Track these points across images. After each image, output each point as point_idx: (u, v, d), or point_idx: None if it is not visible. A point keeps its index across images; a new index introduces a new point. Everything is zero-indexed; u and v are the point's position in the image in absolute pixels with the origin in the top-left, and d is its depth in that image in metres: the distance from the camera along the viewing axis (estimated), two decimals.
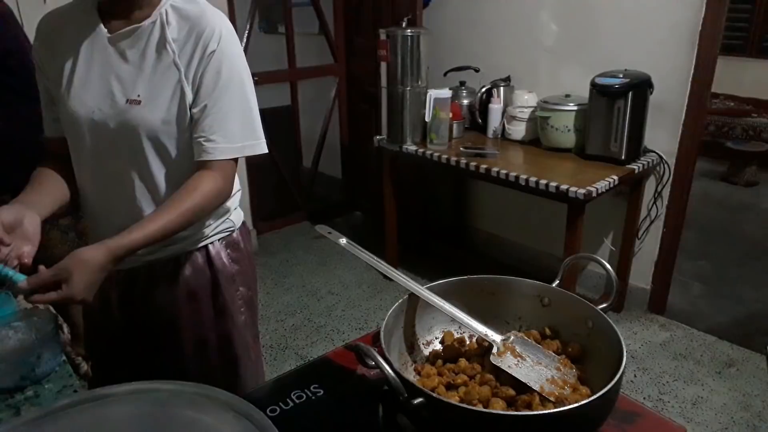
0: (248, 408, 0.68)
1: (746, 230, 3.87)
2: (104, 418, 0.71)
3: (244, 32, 3.56)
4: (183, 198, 1.06)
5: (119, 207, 1.18)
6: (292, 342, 2.71)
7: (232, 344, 1.29)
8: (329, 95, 4.05)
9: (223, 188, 1.12)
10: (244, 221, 1.32)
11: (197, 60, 1.08)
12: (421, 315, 0.96)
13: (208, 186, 1.08)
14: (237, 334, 1.29)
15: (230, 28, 1.12)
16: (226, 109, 1.10)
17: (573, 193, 2.19)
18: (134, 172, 1.14)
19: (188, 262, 1.21)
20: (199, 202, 1.07)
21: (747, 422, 2.14)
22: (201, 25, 1.09)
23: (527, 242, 3.25)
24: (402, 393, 0.70)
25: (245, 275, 1.29)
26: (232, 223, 1.25)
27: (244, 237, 1.30)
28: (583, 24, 2.73)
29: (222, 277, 1.24)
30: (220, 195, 1.12)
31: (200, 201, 1.07)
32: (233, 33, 1.12)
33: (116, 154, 1.13)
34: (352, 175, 4.16)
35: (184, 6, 1.11)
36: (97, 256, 0.95)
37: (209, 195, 1.09)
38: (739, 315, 2.85)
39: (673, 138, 2.55)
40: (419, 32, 2.72)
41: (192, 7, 1.11)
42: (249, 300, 1.31)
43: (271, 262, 3.50)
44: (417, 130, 2.84)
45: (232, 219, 1.25)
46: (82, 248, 0.96)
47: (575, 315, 0.91)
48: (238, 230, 1.27)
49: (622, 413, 0.87)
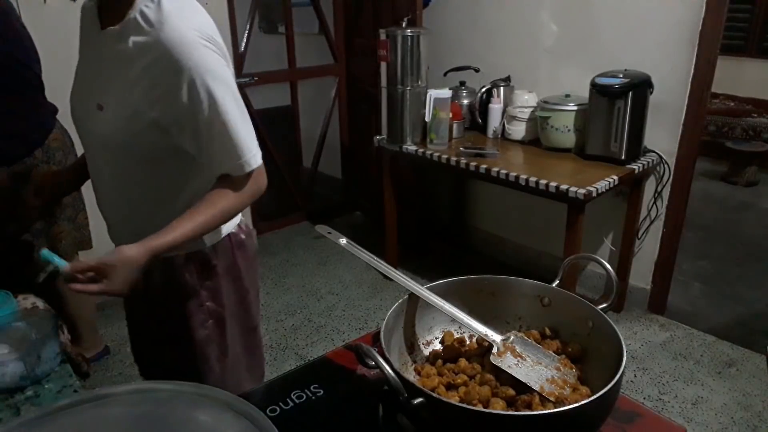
0: (248, 408, 0.68)
1: (746, 230, 3.87)
2: (104, 418, 0.71)
3: (244, 32, 3.56)
4: (216, 199, 1.08)
5: (111, 205, 1.21)
6: (292, 342, 2.71)
7: (189, 356, 1.29)
8: (329, 95, 4.05)
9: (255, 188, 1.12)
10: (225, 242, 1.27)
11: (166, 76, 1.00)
12: (421, 315, 0.96)
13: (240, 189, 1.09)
14: (198, 347, 1.28)
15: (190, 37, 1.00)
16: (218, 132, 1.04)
17: (573, 193, 2.19)
18: (110, 173, 1.16)
19: (160, 267, 1.20)
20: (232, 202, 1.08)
21: (747, 422, 2.14)
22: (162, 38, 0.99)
23: (527, 242, 3.25)
24: (402, 393, 0.70)
25: (215, 291, 1.26)
26: (203, 243, 1.21)
27: (219, 258, 1.25)
28: (583, 24, 2.73)
29: (183, 290, 1.23)
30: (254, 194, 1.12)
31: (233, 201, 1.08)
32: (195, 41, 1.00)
33: (94, 153, 1.17)
34: (352, 175, 4.16)
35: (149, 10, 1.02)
36: (140, 254, 0.99)
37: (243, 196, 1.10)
38: (739, 315, 2.85)
39: (673, 138, 2.55)
40: (419, 32, 2.72)
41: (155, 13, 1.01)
42: (217, 315, 1.28)
43: (271, 262, 3.50)
44: (417, 130, 2.84)
45: (204, 240, 1.20)
46: (126, 245, 1.00)
47: (575, 315, 0.91)
48: (210, 249, 1.23)
49: (622, 413, 0.87)
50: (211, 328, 1.28)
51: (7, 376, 1.00)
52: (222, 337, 1.31)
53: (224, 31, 3.18)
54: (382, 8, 3.32)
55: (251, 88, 3.52)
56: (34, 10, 2.39)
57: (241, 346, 1.39)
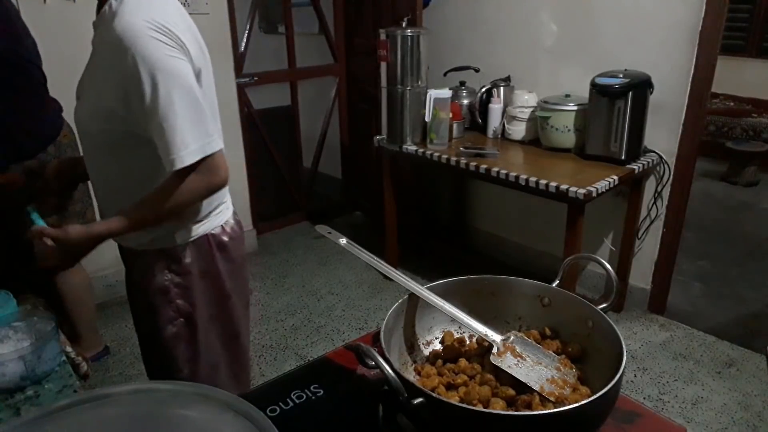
0: (248, 408, 0.68)
1: (746, 230, 3.87)
2: (104, 418, 0.71)
3: (244, 32, 3.56)
4: (162, 192, 1.10)
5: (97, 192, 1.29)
6: (292, 342, 2.71)
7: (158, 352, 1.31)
8: (329, 95, 4.05)
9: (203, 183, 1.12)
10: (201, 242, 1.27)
11: (117, 65, 1.02)
12: (421, 315, 0.96)
13: (186, 183, 1.09)
14: (166, 344, 1.29)
15: (138, 27, 1.01)
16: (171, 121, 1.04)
17: (573, 193, 2.19)
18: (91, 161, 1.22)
19: (136, 261, 1.26)
20: (177, 195, 1.09)
21: (747, 422, 2.14)
22: (115, 28, 1.01)
23: (527, 242, 3.25)
24: (402, 393, 0.70)
25: (186, 290, 1.26)
26: (171, 238, 1.23)
27: (193, 256, 1.26)
28: (583, 24, 2.73)
29: (152, 284, 1.25)
30: (204, 189, 1.13)
31: (178, 195, 1.09)
32: (142, 31, 1.01)
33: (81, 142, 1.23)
34: (352, 175, 4.16)
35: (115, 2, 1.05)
36: (80, 237, 1.11)
37: (189, 190, 1.10)
38: (739, 315, 2.85)
39: (673, 138, 2.55)
40: (419, 32, 2.72)
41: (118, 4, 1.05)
42: (188, 315, 1.28)
43: (271, 262, 3.50)
44: (417, 130, 2.83)
45: (174, 236, 1.22)
46: (72, 226, 1.12)
47: (575, 315, 0.91)
48: (183, 246, 1.24)
49: (622, 413, 0.87)
50: (180, 326, 1.28)
51: (7, 376, 1.00)
52: (192, 338, 1.30)
53: (224, 31, 3.18)
54: (382, 8, 3.32)
55: (251, 88, 3.52)
56: (34, 10, 2.39)
57: (221, 355, 1.38)
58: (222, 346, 1.38)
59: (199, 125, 1.06)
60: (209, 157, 1.08)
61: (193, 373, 1.33)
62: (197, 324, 1.30)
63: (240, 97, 3.40)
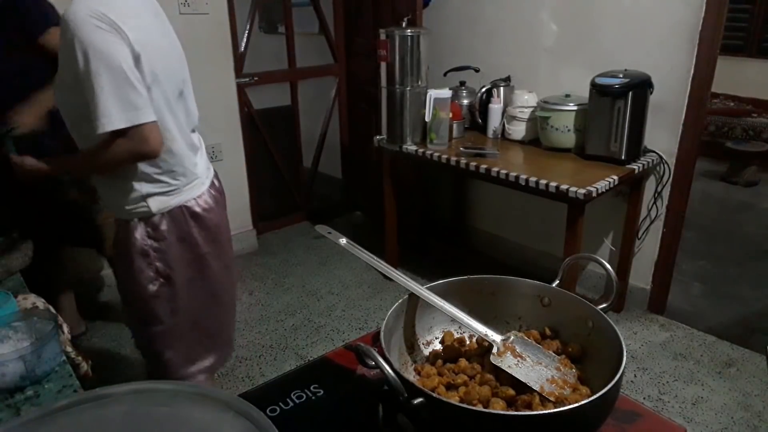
0: (248, 408, 0.68)
1: (746, 230, 3.87)
2: (104, 418, 0.71)
3: (244, 32, 3.56)
4: (99, 149, 1.32)
5: None
6: (292, 342, 2.71)
7: (140, 306, 1.50)
8: (329, 95, 4.06)
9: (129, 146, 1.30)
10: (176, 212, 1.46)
11: (65, 45, 1.24)
12: (421, 315, 0.95)
13: (115, 145, 1.30)
14: (147, 299, 1.48)
15: (80, 16, 1.20)
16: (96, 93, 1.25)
17: (573, 193, 2.19)
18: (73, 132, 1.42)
19: (120, 227, 1.46)
20: (108, 153, 1.31)
21: (747, 422, 2.14)
22: (66, 14, 1.22)
23: (527, 242, 3.25)
24: (402, 393, 0.70)
25: (165, 254, 1.46)
26: (147, 208, 1.42)
27: (169, 224, 1.45)
28: (583, 24, 2.73)
29: (135, 248, 1.44)
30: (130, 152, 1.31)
31: (109, 153, 1.31)
32: (84, 19, 1.20)
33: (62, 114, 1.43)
34: (352, 175, 4.16)
35: None
36: (35, 166, 1.51)
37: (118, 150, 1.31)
38: (739, 315, 2.85)
39: (673, 138, 2.55)
40: (419, 32, 2.72)
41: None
42: (167, 276, 1.47)
43: (271, 262, 3.50)
44: (417, 130, 2.83)
45: (148, 205, 1.42)
46: (30, 157, 1.52)
47: (575, 315, 0.90)
48: (160, 215, 1.43)
49: (622, 413, 0.87)
50: (160, 285, 1.48)
51: (7, 376, 1.00)
52: (173, 296, 1.50)
53: (224, 31, 3.18)
54: (382, 8, 3.32)
55: (251, 88, 3.52)
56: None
57: (200, 312, 1.58)
58: (201, 305, 1.58)
59: (123, 98, 1.24)
60: (138, 127, 1.27)
61: (173, 326, 1.53)
62: (176, 284, 1.49)
63: (240, 97, 3.40)
